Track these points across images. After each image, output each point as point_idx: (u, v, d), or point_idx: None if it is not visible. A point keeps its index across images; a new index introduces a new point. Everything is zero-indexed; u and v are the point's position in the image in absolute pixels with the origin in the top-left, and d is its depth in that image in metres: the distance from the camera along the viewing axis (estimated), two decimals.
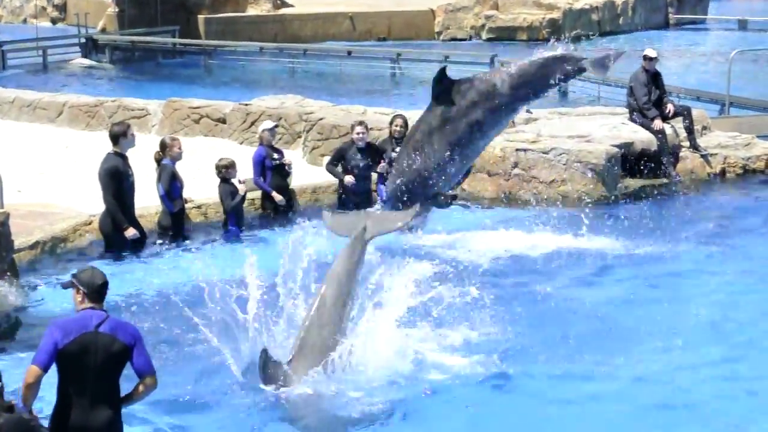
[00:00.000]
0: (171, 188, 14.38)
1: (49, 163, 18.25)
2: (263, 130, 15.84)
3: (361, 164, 15.69)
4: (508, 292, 12.74)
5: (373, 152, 15.77)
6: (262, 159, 15.65)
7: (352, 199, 15.57)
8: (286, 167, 15.81)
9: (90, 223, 14.47)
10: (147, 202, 14.64)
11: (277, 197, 15.61)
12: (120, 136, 13.92)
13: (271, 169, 15.68)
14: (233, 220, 15.01)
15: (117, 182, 13.81)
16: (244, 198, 15.06)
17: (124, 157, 13.95)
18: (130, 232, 13.90)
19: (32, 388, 7.60)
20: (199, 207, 15.44)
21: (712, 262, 14.34)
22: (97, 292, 7.88)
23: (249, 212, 15.66)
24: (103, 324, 7.76)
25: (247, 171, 15.74)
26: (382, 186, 15.88)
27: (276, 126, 16.29)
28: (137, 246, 14.11)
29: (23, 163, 18.13)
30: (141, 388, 7.92)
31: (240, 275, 10.95)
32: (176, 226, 14.62)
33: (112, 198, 13.82)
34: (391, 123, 16.25)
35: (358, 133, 15.69)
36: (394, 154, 15.56)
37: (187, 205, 15.02)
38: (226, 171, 14.96)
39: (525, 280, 13.52)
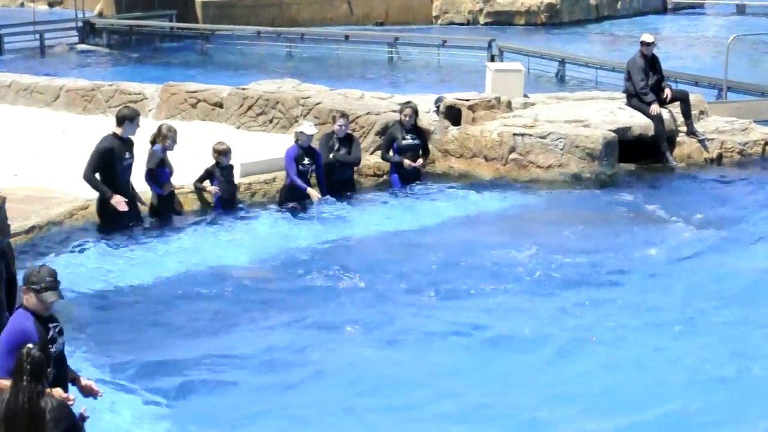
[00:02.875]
0: (159, 173, 14.56)
1: (46, 148, 18.20)
2: (301, 132, 15.64)
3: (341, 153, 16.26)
4: None
5: (350, 143, 16.37)
6: (294, 158, 15.54)
7: (335, 187, 16.02)
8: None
9: (86, 208, 14.48)
10: (141, 186, 14.72)
11: (314, 194, 15.54)
12: (126, 119, 14.08)
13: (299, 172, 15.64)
14: (218, 202, 15.28)
15: (104, 163, 13.95)
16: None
17: (123, 140, 14.05)
18: (116, 199, 13.95)
19: None
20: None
21: None
22: None
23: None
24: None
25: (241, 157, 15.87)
26: (395, 175, 16.83)
27: (310, 132, 15.78)
28: (132, 221, 14.27)
29: (20, 148, 18.10)
30: None
31: None
32: (167, 209, 14.85)
33: (91, 173, 13.96)
34: (400, 111, 16.72)
35: (340, 126, 16.27)
36: (404, 142, 16.18)
37: (181, 191, 15.16)
38: (217, 156, 15.33)
39: None
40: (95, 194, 14.27)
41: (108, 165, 13.97)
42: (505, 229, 15.23)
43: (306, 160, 15.60)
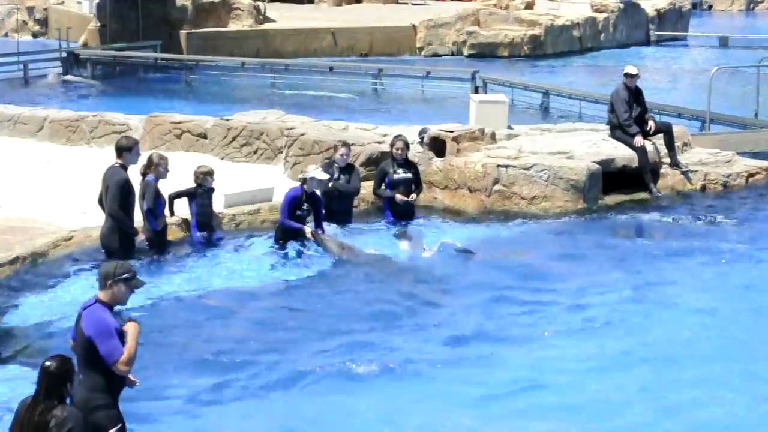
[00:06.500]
0: (155, 206, 14.36)
1: (30, 178, 18.19)
2: (312, 178, 15.02)
3: (340, 182, 16.05)
4: None
5: (351, 172, 16.19)
6: (295, 201, 15.03)
7: (336, 217, 15.83)
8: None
9: (70, 239, 14.43)
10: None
11: (307, 230, 14.93)
12: (125, 150, 13.98)
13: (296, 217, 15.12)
14: (194, 226, 15.12)
15: (125, 194, 13.82)
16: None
17: (126, 170, 13.99)
18: (141, 237, 14.06)
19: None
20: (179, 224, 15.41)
21: None
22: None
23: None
24: (85, 309, 8.32)
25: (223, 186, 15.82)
26: (388, 210, 16.52)
27: (323, 177, 15.27)
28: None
29: (3, 178, 18.07)
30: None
31: None
32: (160, 242, 14.61)
33: (119, 208, 13.79)
34: (392, 145, 16.60)
35: (341, 155, 16.13)
36: (396, 176, 16.03)
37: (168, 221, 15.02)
38: (203, 178, 15.14)
39: None
40: (80, 225, 14.21)
41: (126, 196, 13.86)
42: (490, 259, 15.21)
43: (305, 206, 15.04)
